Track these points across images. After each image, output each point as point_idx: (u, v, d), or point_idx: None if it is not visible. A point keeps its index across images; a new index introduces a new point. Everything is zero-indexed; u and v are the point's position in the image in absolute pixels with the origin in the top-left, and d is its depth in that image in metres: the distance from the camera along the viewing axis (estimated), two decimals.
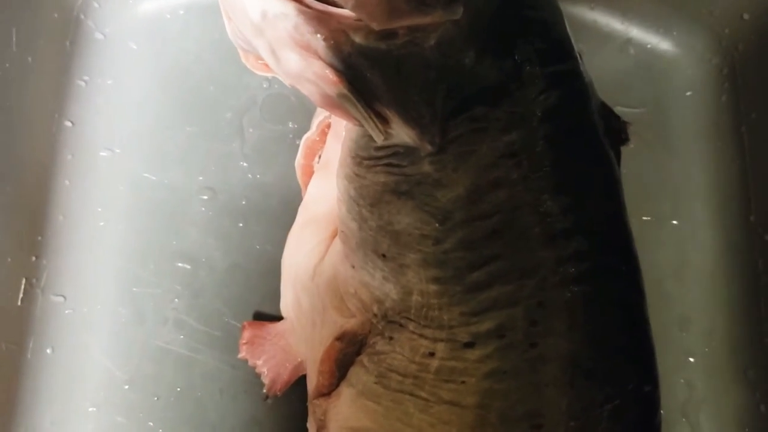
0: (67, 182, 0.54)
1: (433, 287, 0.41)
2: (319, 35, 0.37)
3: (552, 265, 0.41)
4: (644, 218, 0.55)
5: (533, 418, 0.40)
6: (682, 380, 0.53)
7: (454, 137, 0.40)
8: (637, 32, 0.59)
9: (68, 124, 0.55)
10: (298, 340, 0.51)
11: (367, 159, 0.43)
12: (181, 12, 0.58)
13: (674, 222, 0.56)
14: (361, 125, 0.43)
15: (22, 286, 0.52)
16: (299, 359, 0.51)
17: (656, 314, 0.44)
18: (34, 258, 0.52)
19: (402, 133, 0.41)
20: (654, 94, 0.59)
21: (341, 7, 0.38)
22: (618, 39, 0.59)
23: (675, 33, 0.59)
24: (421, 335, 0.42)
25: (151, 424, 0.51)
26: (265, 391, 0.51)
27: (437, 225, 0.41)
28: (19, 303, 0.51)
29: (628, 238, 0.44)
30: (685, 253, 0.56)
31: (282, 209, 0.55)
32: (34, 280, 0.52)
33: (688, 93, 0.59)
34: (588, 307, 0.41)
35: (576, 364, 0.40)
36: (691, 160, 0.57)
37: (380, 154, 0.43)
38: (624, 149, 0.46)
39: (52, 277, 0.53)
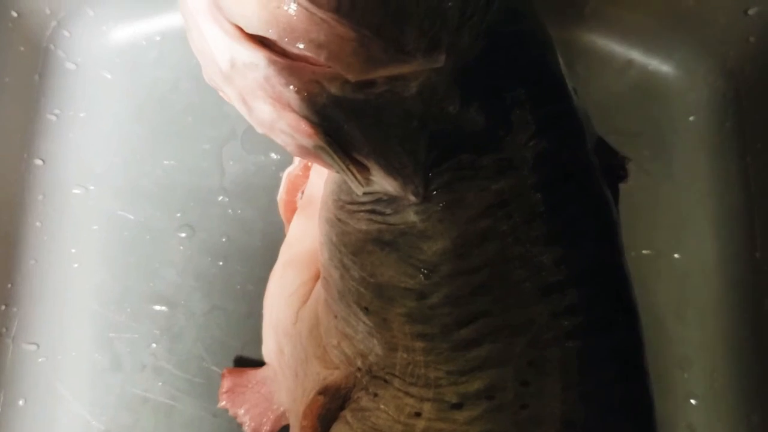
0: (38, 224, 0.52)
1: (418, 344, 0.39)
2: (291, 87, 0.35)
3: (544, 321, 0.38)
4: (644, 252, 0.52)
5: None
6: (683, 423, 0.51)
7: (439, 186, 0.38)
8: (637, 54, 0.56)
9: (38, 162, 0.53)
10: (280, 389, 0.49)
11: (349, 203, 0.41)
12: (158, 38, 0.56)
13: (676, 255, 0.54)
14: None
15: None
16: (282, 408, 0.49)
17: (657, 354, 0.43)
18: (3, 306, 0.50)
19: (384, 183, 0.38)
20: (655, 118, 0.56)
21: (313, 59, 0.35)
22: (618, 61, 0.56)
23: (677, 55, 0.56)
24: (406, 393, 0.40)
25: None
26: None
27: (422, 279, 0.39)
28: None
29: (625, 284, 0.42)
30: (686, 288, 0.53)
31: (264, 246, 0.53)
32: (4, 329, 0.50)
33: (691, 118, 0.56)
34: (582, 365, 0.39)
35: (569, 426, 0.38)
36: (694, 189, 0.55)
37: (363, 199, 0.40)
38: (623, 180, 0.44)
39: (23, 324, 0.51)
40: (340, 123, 0.36)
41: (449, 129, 0.37)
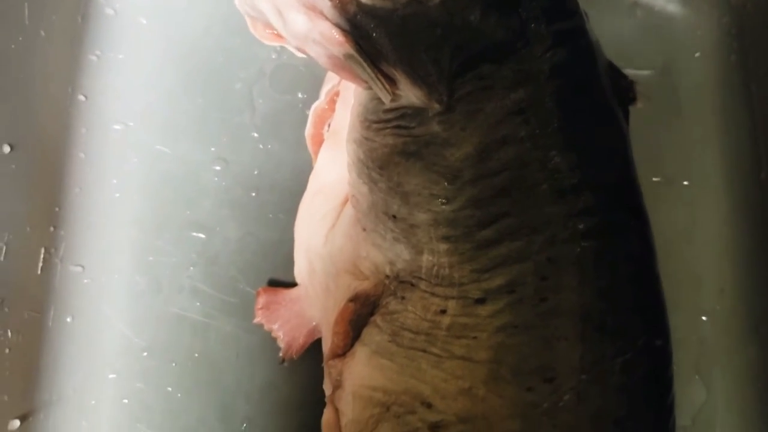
0: (82, 155, 0.55)
1: (443, 246, 0.42)
2: None
3: (561, 221, 0.41)
4: (654, 179, 0.55)
5: (545, 371, 0.40)
6: (694, 338, 0.54)
7: (461, 96, 0.41)
8: None
9: (81, 98, 0.56)
10: (312, 305, 0.52)
11: (376, 122, 0.44)
12: None
13: (685, 182, 0.56)
14: (370, 87, 0.43)
15: (42, 256, 0.53)
16: (314, 323, 0.52)
17: (668, 274, 0.44)
18: (52, 228, 0.53)
19: (410, 93, 0.41)
20: (662, 56, 0.59)
21: None
22: (624, 2, 0.59)
23: None
24: (432, 294, 0.42)
25: (170, 389, 0.52)
26: (281, 354, 0.52)
27: (446, 184, 0.41)
28: (39, 272, 0.52)
29: (637, 194, 0.45)
30: (695, 212, 0.56)
31: (293, 178, 0.55)
32: (52, 250, 0.53)
33: (697, 54, 0.58)
34: (597, 262, 0.41)
35: (587, 318, 0.41)
36: (701, 120, 0.57)
37: (389, 116, 0.43)
38: (633, 111, 0.46)
39: (70, 247, 0.54)
40: (369, 31, 0.39)
41: (471, 40, 0.40)
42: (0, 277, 0.48)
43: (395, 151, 0.43)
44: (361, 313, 0.46)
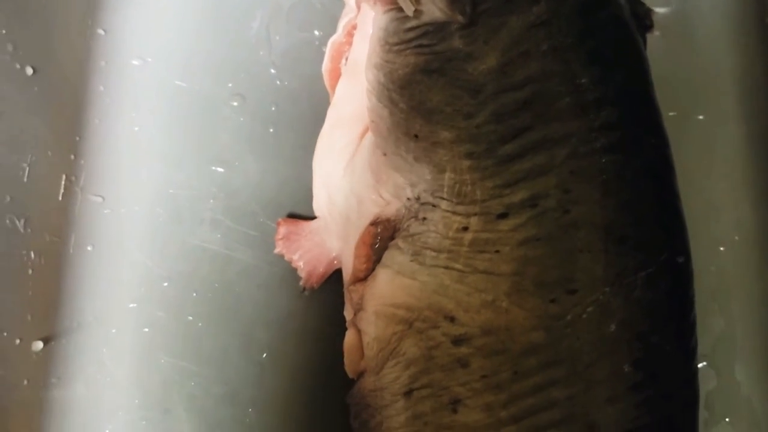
0: (101, 88, 0.56)
1: (466, 162, 0.42)
2: None
3: (583, 135, 0.41)
4: (670, 114, 0.55)
5: (568, 283, 0.40)
6: (713, 268, 0.54)
7: (484, 9, 0.42)
8: None
9: (101, 32, 0.56)
10: (332, 236, 0.52)
11: (397, 44, 0.44)
12: None
13: (700, 117, 0.57)
14: (391, 9, 0.44)
15: (63, 183, 0.53)
16: (334, 254, 0.52)
17: (685, 205, 0.45)
18: (72, 156, 0.54)
19: (433, 7, 0.41)
20: None
21: None
22: None
23: None
24: (454, 212, 0.43)
25: (191, 318, 0.53)
26: (301, 284, 0.53)
27: (469, 99, 0.42)
28: (60, 198, 0.53)
29: (656, 113, 0.45)
30: (712, 145, 0.57)
31: (311, 114, 0.56)
32: (73, 178, 0.54)
33: None
34: (619, 176, 0.42)
35: (609, 231, 0.41)
36: (716, 54, 0.58)
37: (410, 35, 0.43)
38: (648, 46, 0.47)
39: (90, 177, 0.54)
40: None
41: None
42: (22, 197, 0.49)
43: (417, 70, 0.43)
44: (382, 237, 0.46)
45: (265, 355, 0.53)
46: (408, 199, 0.45)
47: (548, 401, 0.40)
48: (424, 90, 0.43)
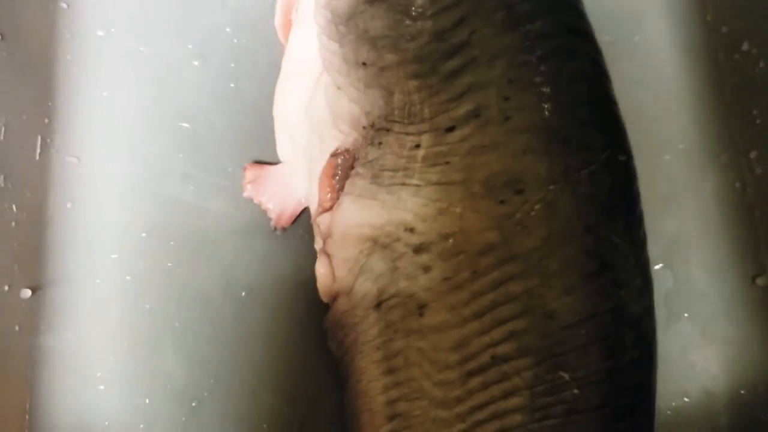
0: (69, 57, 0.58)
1: (412, 83, 0.45)
2: None
3: (518, 45, 0.44)
4: (606, 38, 0.58)
5: (515, 183, 0.43)
6: (661, 176, 0.57)
7: None
8: None
9: (63, 5, 0.59)
10: (298, 178, 0.54)
11: None
12: None
13: (636, 38, 0.60)
14: None
15: (39, 143, 0.55)
16: (300, 194, 0.55)
17: (627, 120, 0.47)
18: (46, 120, 0.56)
19: None
20: None
21: None
22: None
23: None
24: (406, 133, 0.45)
25: (170, 265, 0.55)
26: (272, 224, 0.55)
27: (410, 22, 0.44)
28: (37, 158, 0.55)
29: (587, 24, 0.48)
30: (648, 64, 0.60)
31: (269, 68, 0.58)
32: (48, 140, 0.56)
33: None
34: (555, 82, 0.44)
35: (550, 132, 0.43)
36: None
37: None
38: None
39: (64, 140, 0.56)
40: None
41: None
42: (1, 155, 0.51)
43: (360, 1, 0.46)
44: (343, 167, 0.49)
45: (244, 293, 0.55)
46: (364, 127, 0.47)
47: (507, 296, 0.43)
48: (368, 19, 0.46)
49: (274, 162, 0.56)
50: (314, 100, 0.52)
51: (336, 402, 0.51)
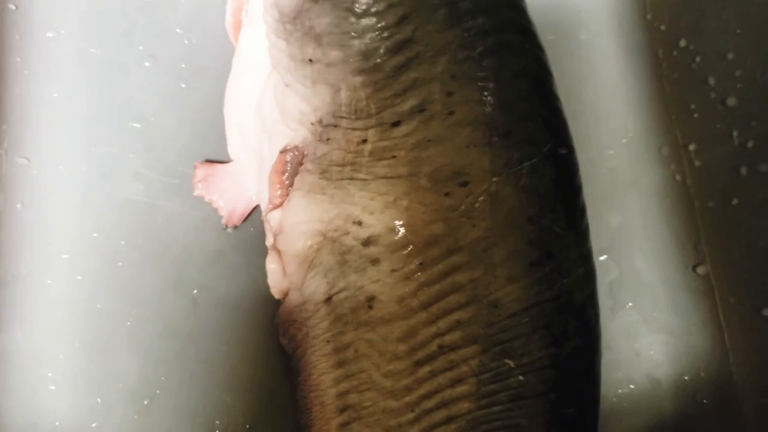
0: (18, 59, 0.58)
1: (358, 79, 0.46)
2: None
3: (460, 41, 0.45)
4: (550, 37, 0.59)
5: (459, 176, 0.44)
6: (604, 170, 0.59)
7: None
8: None
9: (12, 6, 0.59)
10: (248, 176, 0.55)
11: None
12: None
13: (582, 36, 0.61)
14: None
15: None
16: (251, 192, 0.55)
17: (570, 116, 0.48)
18: None
19: None
20: None
21: None
22: None
23: None
24: (353, 128, 0.46)
25: (121, 264, 0.55)
26: (223, 222, 0.56)
27: (354, 19, 0.45)
28: None
29: (528, 21, 0.49)
30: (590, 61, 0.61)
31: (220, 68, 0.58)
32: None
33: None
34: (497, 77, 0.45)
35: (492, 126, 0.45)
36: None
37: None
38: None
39: (14, 141, 0.56)
40: None
41: None
42: None
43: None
44: (292, 164, 0.49)
45: (196, 291, 0.55)
46: (312, 124, 0.48)
47: (453, 286, 0.44)
48: (313, 16, 0.46)
49: (225, 161, 0.56)
50: (263, 98, 0.53)
51: (288, 397, 0.51)
